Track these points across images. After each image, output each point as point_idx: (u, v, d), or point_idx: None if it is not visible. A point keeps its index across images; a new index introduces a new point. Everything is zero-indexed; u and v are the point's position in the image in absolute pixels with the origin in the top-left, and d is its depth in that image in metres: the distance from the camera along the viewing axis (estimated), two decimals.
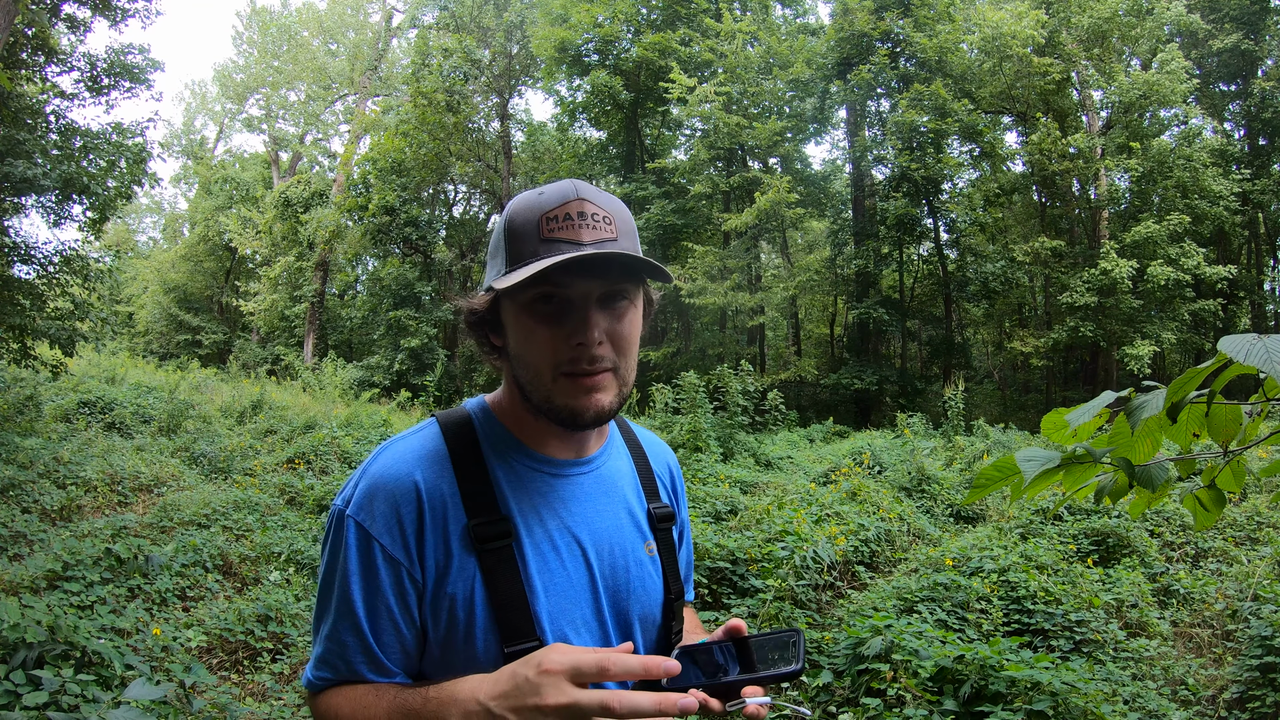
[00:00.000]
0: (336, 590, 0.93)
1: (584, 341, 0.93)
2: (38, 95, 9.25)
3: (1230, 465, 1.24)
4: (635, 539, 1.06)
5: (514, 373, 0.99)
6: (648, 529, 1.08)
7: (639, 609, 1.04)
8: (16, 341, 8.89)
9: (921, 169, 19.58)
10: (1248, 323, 22.46)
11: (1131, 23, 19.61)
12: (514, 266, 0.93)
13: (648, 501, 1.10)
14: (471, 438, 1.00)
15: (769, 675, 0.94)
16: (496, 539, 0.93)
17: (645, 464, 1.14)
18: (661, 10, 23.05)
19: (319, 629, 0.95)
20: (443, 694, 0.84)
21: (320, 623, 0.95)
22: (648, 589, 1.05)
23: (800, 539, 5.09)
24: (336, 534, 0.95)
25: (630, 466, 1.12)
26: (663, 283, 1.00)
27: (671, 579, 1.09)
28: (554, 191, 0.95)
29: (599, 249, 0.90)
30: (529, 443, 1.01)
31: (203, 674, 3.44)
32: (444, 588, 0.92)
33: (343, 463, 8.82)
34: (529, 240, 0.93)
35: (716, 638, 1.00)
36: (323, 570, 0.96)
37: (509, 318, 0.98)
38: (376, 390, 20.57)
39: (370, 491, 0.94)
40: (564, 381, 0.94)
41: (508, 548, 0.93)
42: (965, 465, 9.51)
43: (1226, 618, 4.80)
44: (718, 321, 24.02)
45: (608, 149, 25.93)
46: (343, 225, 25.34)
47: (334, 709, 0.91)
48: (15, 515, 5.99)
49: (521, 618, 0.92)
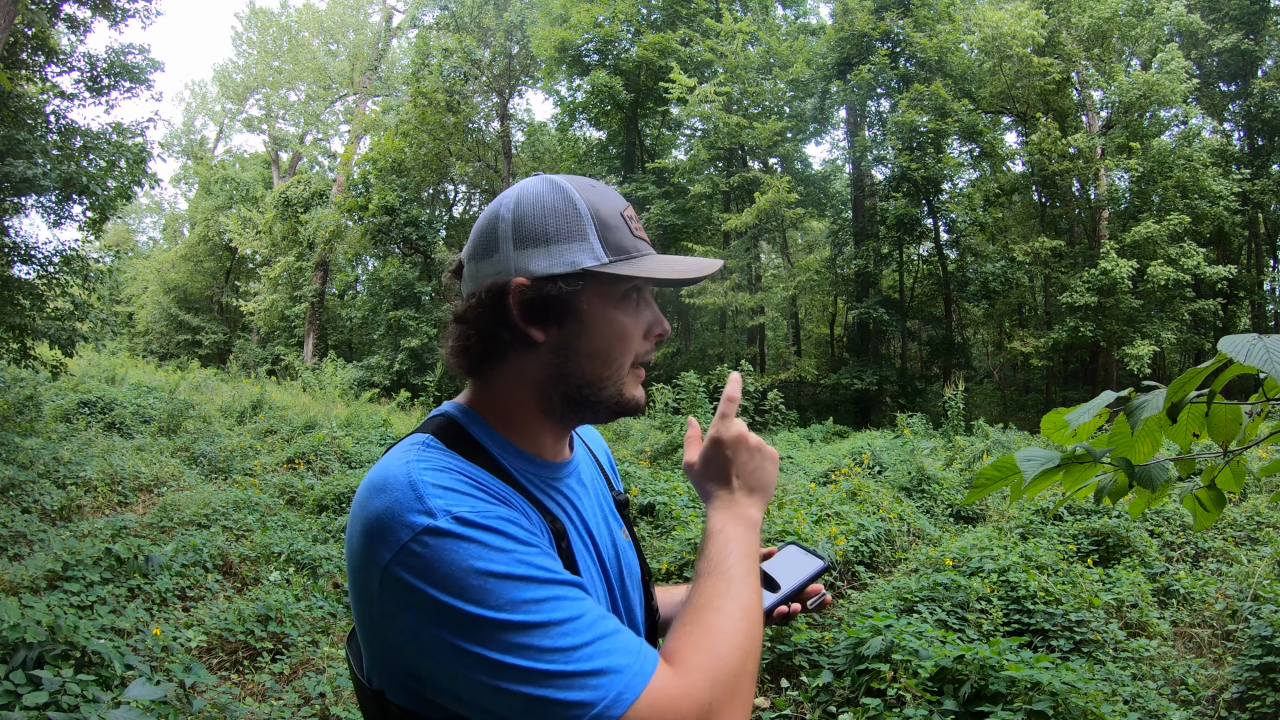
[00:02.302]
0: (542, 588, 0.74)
1: (664, 333, 0.96)
2: (38, 95, 9.25)
3: (1230, 465, 1.24)
4: (616, 527, 1.07)
5: (565, 368, 0.90)
6: (618, 516, 1.10)
7: (634, 594, 1.06)
8: (16, 341, 8.89)
9: (921, 169, 19.59)
10: (1248, 323, 22.46)
11: (1131, 23, 19.62)
12: (619, 257, 0.88)
13: (610, 489, 1.13)
14: (485, 451, 0.90)
15: (807, 580, 1.11)
16: (562, 539, 0.90)
17: (593, 455, 1.16)
18: (661, 10, 23.06)
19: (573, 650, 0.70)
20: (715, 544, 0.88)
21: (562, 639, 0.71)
22: (634, 573, 1.07)
23: (800, 539, 5.09)
24: (471, 539, 0.73)
25: (590, 459, 1.13)
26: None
27: (642, 558, 1.12)
28: (610, 188, 0.95)
29: (682, 262, 0.94)
30: (527, 448, 0.96)
31: (203, 674, 3.44)
32: None
33: (343, 463, 8.82)
34: (624, 233, 0.91)
35: None
36: (507, 591, 0.71)
37: (594, 308, 0.89)
38: (376, 390, 20.58)
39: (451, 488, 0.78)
40: (632, 374, 0.95)
41: (569, 548, 0.91)
42: (965, 465, 9.51)
43: (1226, 618, 4.80)
44: (718, 321, 24.04)
45: (608, 149, 25.94)
46: (343, 225, 25.35)
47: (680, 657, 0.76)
48: (15, 515, 5.99)
49: None
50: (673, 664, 0.75)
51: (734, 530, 0.91)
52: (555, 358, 0.90)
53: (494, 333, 0.89)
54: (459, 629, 0.70)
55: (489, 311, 0.88)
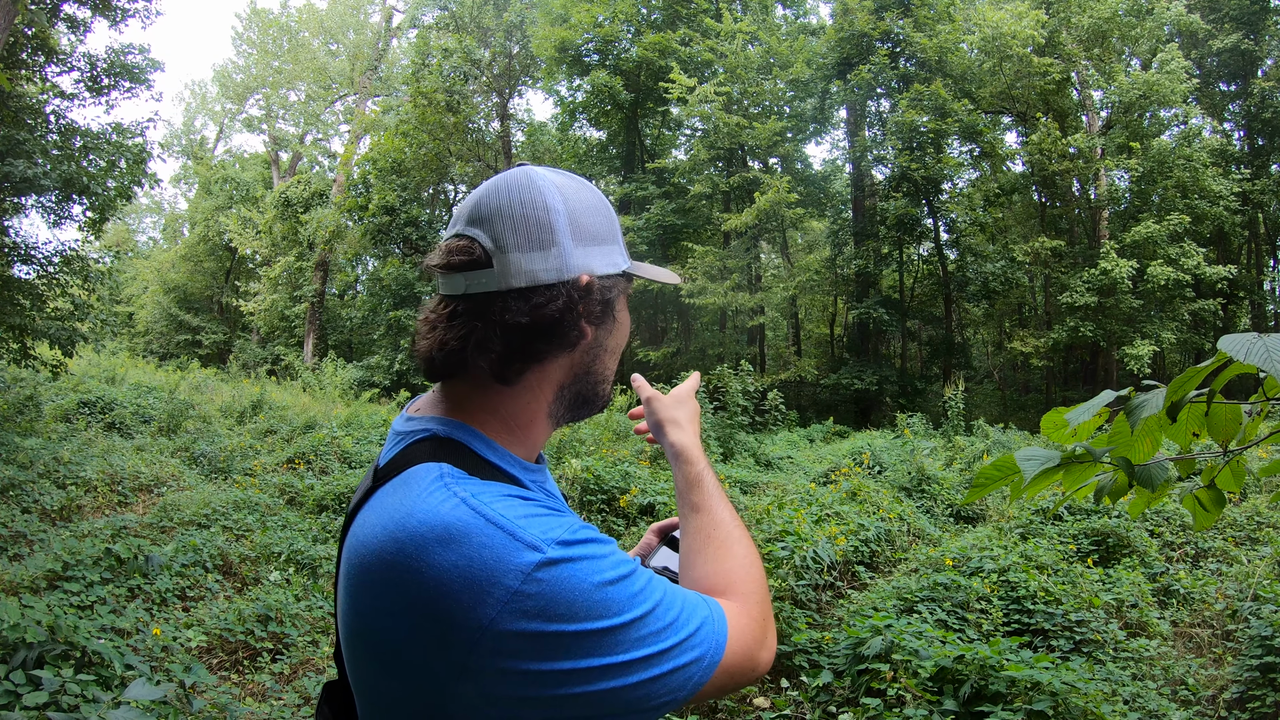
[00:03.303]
0: (645, 581, 0.74)
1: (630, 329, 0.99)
2: (38, 95, 9.25)
3: (1230, 465, 1.24)
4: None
5: (592, 366, 0.89)
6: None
7: None
8: (16, 341, 8.89)
9: (921, 169, 19.59)
10: (1248, 323, 22.47)
11: (1131, 23, 19.62)
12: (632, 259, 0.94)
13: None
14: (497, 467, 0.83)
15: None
16: None
17: None
18: (661, 10, 23.06)
19: (676, 621, 0.73)
20: (687, 469, 0.98)
21: (667, 614, 0.73)
22: None
23: (800, 539, 5.09)
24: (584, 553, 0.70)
25: None
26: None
27: None
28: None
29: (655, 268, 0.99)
30: (520, 454, 0.88)
31: (203, 674, 3.43)
32: None
33: (343, 463, 8.81)
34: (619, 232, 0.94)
35: (651, 544, 1.17)
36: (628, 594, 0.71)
37: (621, 306, 0.92)
38: (376, 390, 20.57)
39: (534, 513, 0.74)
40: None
41: None
42: (965, 465, 9.51)
43: (1226, 618, 4.80)
44: (718, 321, 24.02)
45: (608, 149, 25.94)
46: (343, 225, 25.35)
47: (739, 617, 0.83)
48: (15, 515, 5.99)
49: None
50: (728, 595, 0.86)
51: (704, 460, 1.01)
52: (586, 357, 0.88)
53: (554, 332, 0.82)
54: (587, 651, 0.66)
55: (562, 310, 0.81)
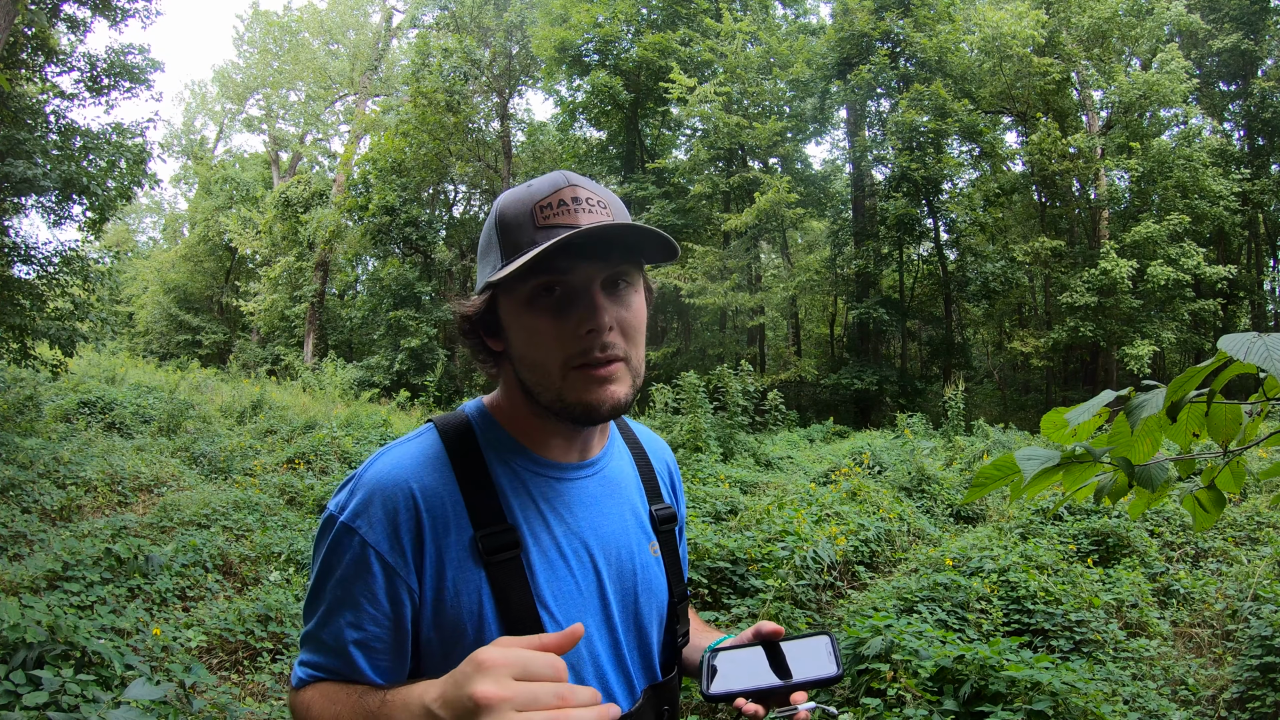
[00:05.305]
0: (328, 595, 0.89)
1: (595, 328, 0.88)
2: (38, 95, 9.25)
3: (1230, 465, 1.23)
4: (641, 540, 1.03)
5: (518, 375, 0.95)
6: (651, 530, 1.06)
7: (648, 611, 1.02)
8: (16, 341, 8.89)
9: (921, 169, 19.58)
10: (1248, 323, 22.45)
11: (1131, 23, 19.61)
12: (510, 259, 0.89)
13: (650, 502, 1.08)
14: (472, 443, 0.95)
15: (812, 681, 0.93)
16: (504, 550, 0.90)
17: (647, 463, 1.12)
18: (661, 10, 23.05)
19: (308, 629, 0.92)
20: (397, 697, 0.80)
21: (309, 623, 0.92)
22: (654, 591, 1.03)
23: (800, 539, 5.09)
24: (330, 539, 0.90)
25: (632, 466, 1.09)
26: (669, 261, 0.94)
27: (674, 580, 1.08)
28: (544, 182, 0.92)
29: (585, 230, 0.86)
30: (532, 446, 0.97)
31: (203, 674, 3.43)
32: (444, 599, 0.89)
33: (343, 463, 8.82)
34: (524, 230, 0.89)
35: (746, 640, 1.00)
36: (314, 573, 0.92)
37: (509, 317, 0.93)
38: (376, 390, 20.57)
39: (367, 498, 0.90)
40: (575, 376, 0.89)
41: (516, 559, 0.90)
42: (965, 465, 9.51)
43: (1226, 618, 4.79)
44: (718, 321, 24.03)
45: (608, 149, 25.93)
46: (343, 225, 25.36)
47: (306, 704, 0.89)
48: (15, 515, 5.99)
49: (533, 630, 0.89)
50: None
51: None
52: (514, 366, 0.96)
53: (474, 351, 1.00)
54: None
55: (467, 332, 0.99)
